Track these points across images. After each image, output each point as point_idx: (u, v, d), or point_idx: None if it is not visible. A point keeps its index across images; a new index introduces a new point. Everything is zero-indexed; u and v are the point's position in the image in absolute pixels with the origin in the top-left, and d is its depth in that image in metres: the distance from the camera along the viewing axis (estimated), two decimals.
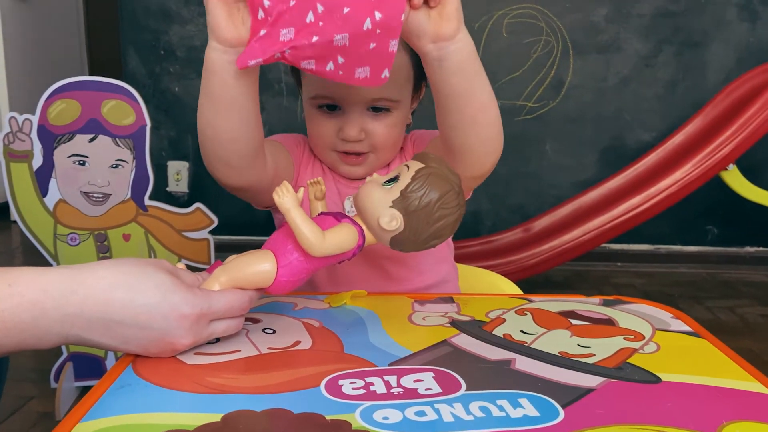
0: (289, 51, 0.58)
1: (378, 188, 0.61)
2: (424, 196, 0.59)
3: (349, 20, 0.56)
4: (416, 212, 0.59)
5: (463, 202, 0.62)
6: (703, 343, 0.63)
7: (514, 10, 2.55)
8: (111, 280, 0.54)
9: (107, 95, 1.40)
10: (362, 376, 0.54)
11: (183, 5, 2.59)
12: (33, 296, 0.51)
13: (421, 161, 0.61)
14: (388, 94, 0.82)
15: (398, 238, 0.61)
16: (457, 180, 0.62)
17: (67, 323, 0.52)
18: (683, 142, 2.32)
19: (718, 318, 2.15)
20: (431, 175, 0.60)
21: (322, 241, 0.58)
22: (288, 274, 0.60)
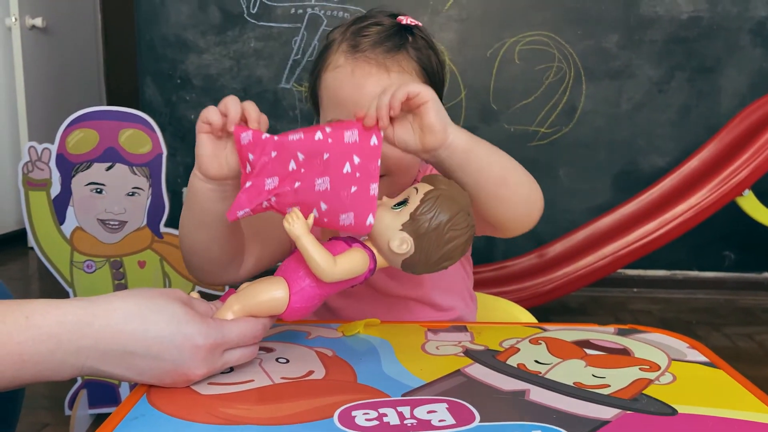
0: (274, 198, 0.60)
1: (387, 212, 0.61)
2: (433, 218, 0.59)
3: (329, 165, 0.59)
4: (426, 235, 0.60)
5: (473, 223, 0.62)
6: (720, 374, 0.62)
7: (526, 37, 2.57)
8: (125, 312, 0.55)
9: (124, 124, 1.43)
10: (375, 407, 0.54)
11: (199, 35, 2.63)
12: (49, 329, 0.52)
13: (430, 183, 0.61)
14: None
15: (409, 261, 0.61)
16: (467, 201, 0.62)
17: (82, 355, 0.53)
18: (698, 167, 2.31)
19: (737, 345, 2.12)
20: (440, 197, 0.60)
21: (333, 266, 0.58)
22: (301, 300, 0.60)
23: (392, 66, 0.81)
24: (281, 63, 2.63)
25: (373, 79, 0.80)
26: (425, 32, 0.88)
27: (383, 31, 0.83)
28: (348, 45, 0.83)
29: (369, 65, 0.81)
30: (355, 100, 0.80)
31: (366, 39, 0.82)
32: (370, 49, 0.81)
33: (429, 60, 0.85)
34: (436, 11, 2.58)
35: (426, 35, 0.88)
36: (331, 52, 0.85)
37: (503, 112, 2.62)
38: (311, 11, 2.59)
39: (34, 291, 2.70)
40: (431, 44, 0.87)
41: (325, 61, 0.85)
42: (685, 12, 2.53)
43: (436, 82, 0.86)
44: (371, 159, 0.60)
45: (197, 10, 2.63)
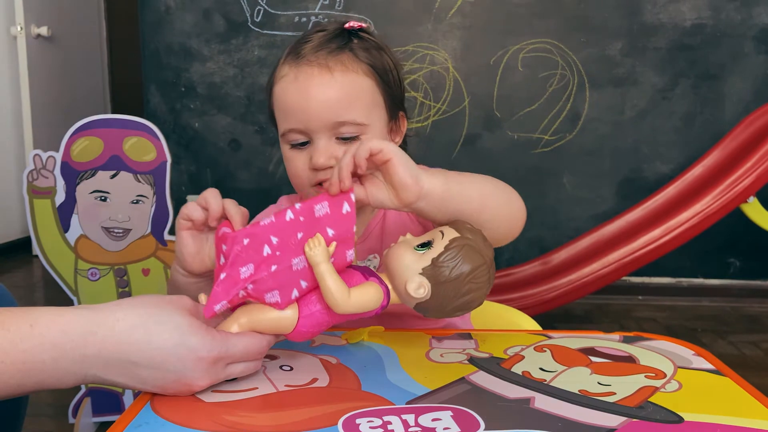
0: (251, 286, 0.58)
1: (409, 252, 0.60)
2: (455, 268, 0.58)
3: (303, 243, 0.58)
4: (445, 284, 0.58)
5: (493, 276, 0.61)
6: (726, 381, 0.62)
7: (530, 45, 2.57)
8: (129, 322, 0.54)
9: (129, 132, 1.43)
10: (380, 415, 0.53)
11: (204, 44, 2.65)
12: (53, 338, 0.52)
13: (457, 230, 0.60)
14: (352, 117, 0.80)
15: (423, 305, 0.60)
16: (491, 254, 0.61)
17: (85, 364, 0.53)
18: (702, 174, 2.30)
19: (743, 353, 2.11)
20: (465, 247, 0.59)
21: (347, 299, 0.58)
22: (308, 324, 0.60)
23: (335, 66, 0.80)
24: None
25: (316, 81, 0.79)
26: (374, 35, 0.87)
27: (325, 35, 0.83)
28: (292, 54, 0.83)
29: (311, 68, 0.80)
30: (302, 105, 0.80)
31: (308, 44, 0.82)
32: (312, 53, 0.81)
33: (380, 60, 0.84)
34: (439, 19, 2.58)
35: (375, 37, 0.87)
36: (279, 65, 0.85)
37: (507, 120, 2.62)
38: (315, 19, 2.59)
39: (39, 299, 2.71)
40: (381, 45, 0.86)
41: (274, 75, 0.85)
42: (688, 19, 2.53)
43: (389, 81, 0.85)
44: (345, 227, 0.59)
45: (201, 18, 2.64)
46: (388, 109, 0.86)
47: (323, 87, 0.79)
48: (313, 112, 0.79)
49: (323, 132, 0.80)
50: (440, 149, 2.64)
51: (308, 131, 0.81)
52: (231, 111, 2.69)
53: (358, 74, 0.81)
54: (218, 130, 2.71)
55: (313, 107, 0.79)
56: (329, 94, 0.79)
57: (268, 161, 2.69)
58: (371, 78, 0.83)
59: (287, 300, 0.59)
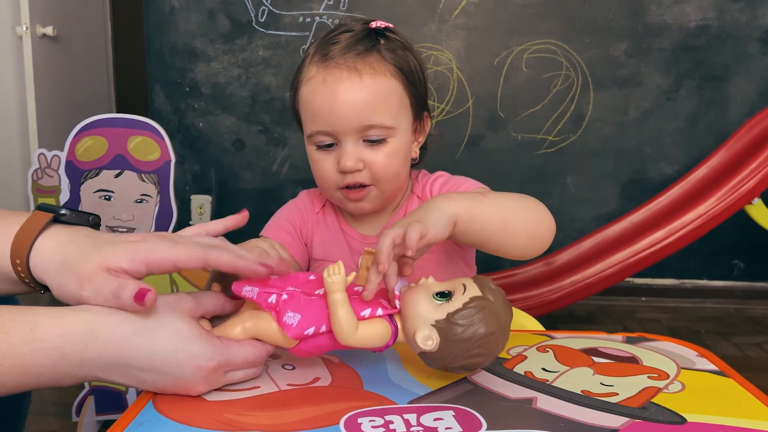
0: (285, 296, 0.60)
1: (427, 299, 0.58)
2: (469, 329, 0.56)
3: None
4: (455, 342, 0.56)
5: (505, 342, 0.59)
6: (730, 383, 0.61)
7: (534, 45, 2.57)
8: (130, 326, 0.54)
9: (133, 131, 1.43)
10: (382, 414, 0.53)
11: (208, 44, 2.65)
12: (53, 342, 0.52)
13: (480, 287, 0.58)
14: (380, 120, 0.81)
15: (428, 356, 0.58)
16: (508, 319, 0.59)
17: (85, 366, 0.53)
18: (707, 175, 2.30)
19: (746, 355, 2.10)
20: (484, 309, 0.57)
21: (354, 333, 0.57)
22: (311, 345, 0.59)
23: (363, 68, 0.80)
24: (289, 71, 2.64)
25: (345, 84, 0.80)
26: (400, 34, 0.87)
27: (353, 36, 0.83)
28: (319, 55, 0.82)
29: (339, 70, 0.80)
30: (330, 108, 0.80)
31: (335, 46, 0.82)
32: (340, 55, 0.81)
33: (405, 60, 0.84)
34: (443, 20, 2.58)
35: (401, 37, 0.87)
36: (304, 65, 0.85)
37: (510, 120, 2.62)
38: (319, 20, 2.60)
39: (42, 297, 2.71)
40: (407, 45, 0.86)
41: (300, 76, 0.85)
42: (693, 20, 2.52)
43: (415, 82, 0.85)
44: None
45: (206, 18, 2.64)
46: (413, 110, 0.86)
47: (352, 90, 0.79)
48: (341, 115, 0.79)
49: (351, 135, 0.81)
50: (444, 150, 2.64)
51: (336, 134, 0.81)
52: (235, 111, 2.69)
53: (386, 77, 0.82)
54: (222, 130, 2.71)
55: (341, 110, 0.79)
56: (358, 97, 0.80)
57: (272, 161, 2.69)
58: (398, 80, 0.83)
59: (300, 332, 0.58)
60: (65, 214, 0.61)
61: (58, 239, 0.58)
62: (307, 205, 0.95)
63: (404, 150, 0.85)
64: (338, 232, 0.93)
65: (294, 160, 2.68)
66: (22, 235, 0.58)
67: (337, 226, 0.93)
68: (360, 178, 0.83)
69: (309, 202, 0.96)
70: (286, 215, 0.94)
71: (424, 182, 0.93)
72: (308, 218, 0.94)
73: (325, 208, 0.95)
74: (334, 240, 0.93)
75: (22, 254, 0.58)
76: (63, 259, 0.57)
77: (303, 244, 0.93)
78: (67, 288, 0.56)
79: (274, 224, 0.94)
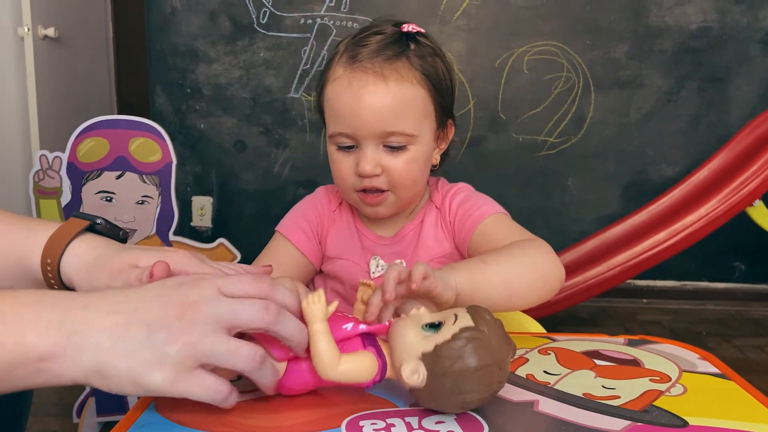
0: None
1: (414, 330, 0.53)
2: (457, 362, 0.51)
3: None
4: (444, 376, 0.51)
5: (504, 380, 0.53)
6: (732, 386, 0.61)
7: (535, 47, 2.57)
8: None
9: (135, 133, 1.44)
10: (383, 417, 0.53)
11: (210, 45, 2.65)
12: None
13: (473, 317, 0.53)
14: (402, 127, 0.80)
15: (417, 392, 0.53)
16: (503, 355, 0.52)
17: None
18: (708, 177, 2.30)
19: (747, 357, 2.10)
20: (475, 341, 0.51)
21: (334, 368, 0.53)
22: (293, 381, 0.56)
23: (390, 74, 0.80)
24: (290, 73, 2.65)
25: (370, 89, 0.79)
26: (431, 39, 0.87)
27: (383, 39, 0.82)
28: (347, 56, 0.82)
29: (366, 75, 0.80)
30: (354, 111, 0.80)
31: (365, 48, 0.81)
32: (368, 59, 0.80)
33: (434, 68, 0.84)
34: (444, 21, 2.59)
35: (432, 42, 0.86)
36: (333, 64, 0.84)
37: (512, 122, 2.62)
38: (320, 21, 2.60)
39: None
40: (437, 51, 0.86)
41: (327, 74, 0.85)
42: (694, 22, 2.52)
43: (441, 89, 0.85)
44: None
45: (208, 20, 2.64)
46: (437, 119, 0.86)
47: (377, 96, 0.79)
48: (364, 119, 0.79)
49: (372, 140, 0.81)
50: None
51: (357, 137, 0.81)
52: (236, 112, 2.70)
53: (412, 84, 0.81)
54: (223, 131, 2.71)
55: (364, 115, 0.79)
56: (382, 103, 0.79)
57: (273, 163, 2.69)
58: (424, 87, 0.82)
59: (285, 355, 0.55)
60: (100, 223, 0.63)
61: (91, 243, 0.61)
62: (323, 203, 0.95)
63: (424, 157, 0.85)
64: (353, 230, 0.93)
65: (295, 162, 2.68)
66: (58, 236, 0.61)
67: (353, 224, 0.94)
68: (377, 183, 0.83)
69: (326, 199, 0.96)
70: (303, 212, 0.94)
71: (444, 192, 0.93)
72: (324, 216, 0.94)
73: (341, 207, 0.95)
74: (348, 239, 0.93)
75: (55, 254, 0.59)
76: (95, 258, 0.59)
77: (317, 242, 0.93)
78: (97, 283, 0.58)
79: (290, 222, 0.94)
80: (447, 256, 0.90)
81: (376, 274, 0.90)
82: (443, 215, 0.92)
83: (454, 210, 0.90)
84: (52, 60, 2.68)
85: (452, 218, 0.91)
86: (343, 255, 0.92)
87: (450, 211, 0.91)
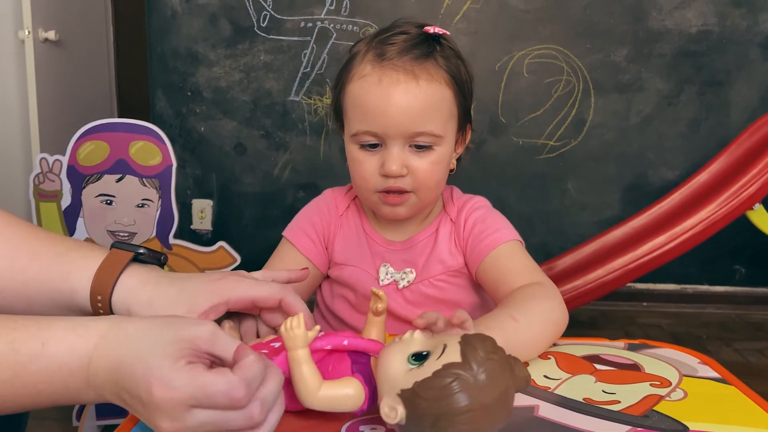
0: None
1: (400, 360, 0.49)
2: (435, 404, 0.45)
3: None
4: (422, 419, 0.46)
5: (497, 421, 0.48)
6: (732, 390, 0.61)
7: (535, 51, 2.57)
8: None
9: (135, 136, 1.44)
10: (384, 422, 0.53)
11: (210, 48, 2.65)
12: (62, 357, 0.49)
13: (462, 351, 0.47)
14: (430, 128, 0.79)
15: (398, 427, 0.49)
16: (492, 396, 0.46)
17: (92, 384, 0.50)
18: (708, 180, 2.30)
19: (748, 361, 2.10)
20: (458, 381, 0.45)
21: (314, 394, 0.51)
22: (288, 405, 0.53)
23: (421, 73, 0.79)
24: (290, 76, 2.65)
25: (402, 87, 0.78)
26: (453, 42, 0.86)
27: (410, 39, 0.81)
28: (374, 54, 0.81)
29: (397, 73, 0.79)
30: (383, 110, 0.78)
31: (392, 47, 0.80)
32: (397, 57, 0.79)
33: (458, 70, 0.83)
34: (444, 24, 2.59)
35: (454, 45, 0.86)
36: (356, 62, 0.83)
37: (512, 125, 2.62)
38: (321, 25, 2.60)
39: None
40: (459, 54, 0.86)
41: (350, 72, 0.83)
42: (694, 26, 2.53)
43: (465, 92, 0.84)
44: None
45: (208, 23, 2.65)
46: (459, 121, 0.85)
47: (408, 95, 0.78)
48: (393, 118, 0.78)
49: (399, 139, 0.80)
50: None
51: (384, 136, 0.80)
52: (237, 115, 2.70)
53: (441, 84, 0.81)
54: (224, 134, 2.71)
55: (393, 113, 0.78)
56: (413, 102, 0.78)
57: (273, 166, 2.69)
58: (451, 89, 0.82)
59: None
60: (143, 253, 0.63)
61: (140, 278, 0.61)
62: (330, 206, 0.94)
63: (447, 159, 0.85)
64: (361, 235, 0.92)
65: (295, 165, 2.68)
66: (105, 272, 0.60)
67: (360, 229, 0.92)
68: (402, 184, 0.81)
69: (333, 203, 0.95)
70: (309, 218, 0.94)
71: (460, 206, 0.92)
72: (331, 221, 0.93)
73: (348, 210, 0.94)
74: (356, 244, 0.92)
75: (105, 291, 0.59)
76: (148, 299, 0.59)
77: (323, 248, 0.93)
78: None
79: (297, 227, 0.93)
80: (459, 270, 0.90)
81: (385, 281, 0.89)
82: (458, 230, 0.90)
83: (469, 227, 0.89)
84: (53, 63, 2.69)
85: (466, 235, 0.90)
86: (351, 261, 0.91)
87: (465, 227, 0.90)
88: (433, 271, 0.89)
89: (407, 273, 0.89)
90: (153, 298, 0.59)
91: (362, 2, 2.58)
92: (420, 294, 0.89)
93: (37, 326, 0.50)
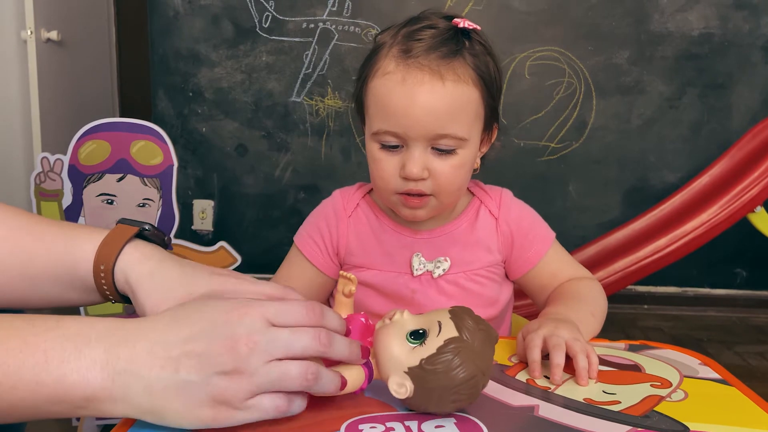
0: None
1: (400, 340, 0.54)
2: (443, 376, 0.52)
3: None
4: (431, 390, 0.52)
5: (487, 382, 0.55)
6: (733, 391, 0.61)
7: (537, 53, 2.57)
8: None
9: (136, 136, 1.44)
10: (383, 421, 0.53)
11: (212, 49, 2.66)
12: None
13: (456, 326, 0.53)
14: (454, 130, 0.76)
15: (404, 400, 0.55)
16: (488, 360, 0.54)
17: None
18: (709, 183, 2.30)
19: (749, 364, 2.09)
20: (460, 353, 0.52)
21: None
22: None
23: (447, 74, 0.75)
24: (292, 77, 2.65)
25: (426, 88, 0.75)
26: (483, 37, 0.83)
27: (438, 35, 0.77)
28: (399, 49, 0.77)
29: (422, 72, 0.75)
30: (406, 110, 0.75)
31: (419, 43, 0.76)
32: (424, 55, 0.75)
33: (487, 67, 0.80)
34: None
35: (484, 40, 0.82)
36: (380, 56, 0.79)
37: (513, 127, 2.62)
38: (323, 26, 2.60)
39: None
40: (489, 50, 0.82)
41: (374, 67, 0.79)
42: (696, 29, 2.53)
43: (493, 90, 0.81)
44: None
45: (210, 24, 2.65)
46: (485, 121, 0.83)
47: (433, 96, 0.75)
48: (416, 119, 0.75)
49: (421, 141, 0.77)
50: None
51: (405, 137, 0.77)
52: (238, 116, 2.70)
53: (468, 85, 0.77)
54: (225, 135, 2.71)
55: (417, 114, 0.75)
56: (437, 103, 0.75)
57: (275, 167, 2.70)
58: (478, 89, 0.78)
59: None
60: (148, 229, 0.62)
61: (143, 252, 0.60)
62: (337, 209, 0.92)
63: (470, 162, 0.82)
64: (379, 231, 0.90)
65: (296, 166, 2.68)
66: (109, 243, 0.60)
67: (377, 225, 0.90)
68: (422, 187, 0.79)
69: (340, 204, 0.92)
70: (316, 223, 0.92)
71: (498, 200, 0.92)
72: (339, 224, 0.91)
73: (358, 210, 0.92)
74: (375, 242, 0.89)
75: (109, 261, 0.59)
76: (149, 272, 0.58)
77: (333, 253, 0.91)
78: (149, 301, 0.57)
79: (305, 232, 0.93)
80: (494, 265, 0.89)
81: (420, 271, 0.87)
82: (501, 226, 0.90)
83: (514, 228, 0.90)
84: (55, 63, 2.69)
85: (512, 236, 0.90)
86: (373, 264, 0.89)
87: (509, 225, 0.90)
88: (474, 264, 0.88)
89: (441, 262, 0.87)
90: (155, 272, 0.58)
91: (364, 3, 2.58)
92: (457, 286, 0.87)
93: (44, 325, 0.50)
